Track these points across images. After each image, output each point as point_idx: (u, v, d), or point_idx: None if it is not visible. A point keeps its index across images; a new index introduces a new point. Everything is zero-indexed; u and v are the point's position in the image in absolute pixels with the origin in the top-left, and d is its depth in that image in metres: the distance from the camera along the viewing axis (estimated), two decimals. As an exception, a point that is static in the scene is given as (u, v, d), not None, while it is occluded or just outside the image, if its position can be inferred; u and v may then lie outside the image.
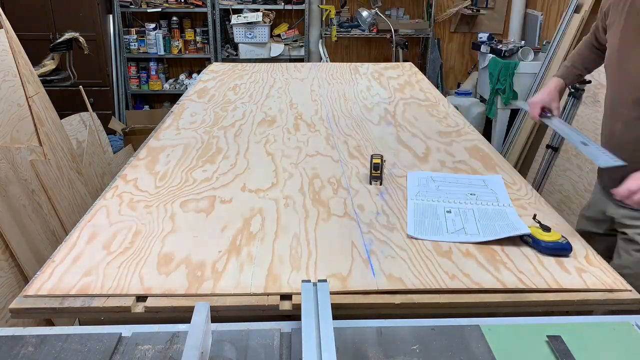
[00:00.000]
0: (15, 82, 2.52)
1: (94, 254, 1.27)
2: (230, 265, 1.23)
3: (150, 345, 0.95)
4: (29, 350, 0.94)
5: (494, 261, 1.26)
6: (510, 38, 4.61)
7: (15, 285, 2.10)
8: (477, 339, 0.98)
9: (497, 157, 1.92)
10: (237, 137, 2.08)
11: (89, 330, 1.00)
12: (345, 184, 1.68)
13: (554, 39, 3.70)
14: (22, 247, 2.19)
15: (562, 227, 1.41)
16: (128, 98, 5.22)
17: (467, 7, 5.01)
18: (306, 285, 1.04)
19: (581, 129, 3.14)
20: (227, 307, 1.11)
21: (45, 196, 2.48)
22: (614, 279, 1.20)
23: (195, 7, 4.91)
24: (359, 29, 4.94)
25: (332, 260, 1.25)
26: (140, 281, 1.17)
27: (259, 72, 3.19)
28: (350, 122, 2.30)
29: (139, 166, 1.80)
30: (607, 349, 0.97)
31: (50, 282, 1.16)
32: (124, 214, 1.47)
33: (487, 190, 1.62)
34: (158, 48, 5.08)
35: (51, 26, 4.72)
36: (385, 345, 0.96)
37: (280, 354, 0.94)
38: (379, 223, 1.43)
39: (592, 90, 3.13)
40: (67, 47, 4.32)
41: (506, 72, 3.95)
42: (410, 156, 1.92)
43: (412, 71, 3.28)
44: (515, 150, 3.92)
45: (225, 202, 1.54)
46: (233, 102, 2.57)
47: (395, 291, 1.15)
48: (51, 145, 2.62)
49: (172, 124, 2.24)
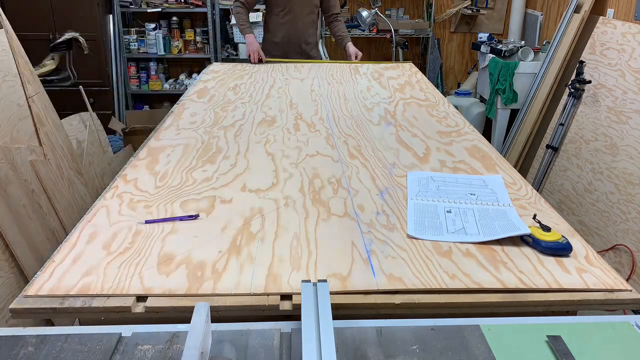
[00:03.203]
0: (15, 82, 2.52)
1: (94, 254, 1.27)
2: (230, 266, 1.23)
3: (150, 345, 0.95)
4: (29, 350, 0.94)
5: (494, 261, 1.26)
6: (510, 38, 4.61)
7: (15, 285, 2.10)
8: (477, 339, 0.98)
9: (497, 157, 1.92)
10: (237, 137, 2.08)
11: (89, 330, 0.99)
12: (345, 184, 1.68)
13: (554, 39, 3.70)
14: (22, 247, 2.19)
15: (562, 227, 1.42)
16: (128, 98, 5.21)
17: (467, 7, 5.01)
18: (306, 285, 1.04)
19: (581, 129, 3.14)
20: (227, 307, 1.11)
21: (45, 196, 2.48)
22: (614, 279, 1.20)
23: (195, 7, 4.92)
24: (359, 29, 4.94)
25: (332, 260, 1.25)
26: (140, 281, 1.16)
27: (259, 72, 3.19)
28: (350, 122, 2.30)
29: (139, 166, 1.80)
30: (607, 349, 0.97)
31: (50, 282, 1.16)
32: (124, 214, 1.47)
33: (487, 190, 1.62)
34: (158, 48, 5.08)
35: (51, 26, 4.72)
36: (385, 345, 0.96)
37: (280, 354, 0.94)
38: (379, 223, 1.43)
39: (592, 90, 3.13)
40: (67, 47, 4.32)
41: (506, 72, 3.95)
42: (410, 156, 1.92)
43: (412, 71, 3.28)
44: (515, 150, 3.92)
45: (225, 202, 1.54)
46: (233, 102, 2.57)
47: (395, 291, 1.15)
48: (51, 145, 2.62)
49: (172, 124, 2.24)
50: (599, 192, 2.86)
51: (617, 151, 2.79)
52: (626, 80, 2.86)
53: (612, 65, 3.01)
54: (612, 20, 3.18)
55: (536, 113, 3.74)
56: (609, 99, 2.96)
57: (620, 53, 2.97)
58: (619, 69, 2.95)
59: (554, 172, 3.35)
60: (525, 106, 3.87)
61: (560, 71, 3.61)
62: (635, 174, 2.63)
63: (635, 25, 2.93)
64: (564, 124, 3.29)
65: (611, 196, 2.76)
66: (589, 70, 3.21)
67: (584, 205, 2.97)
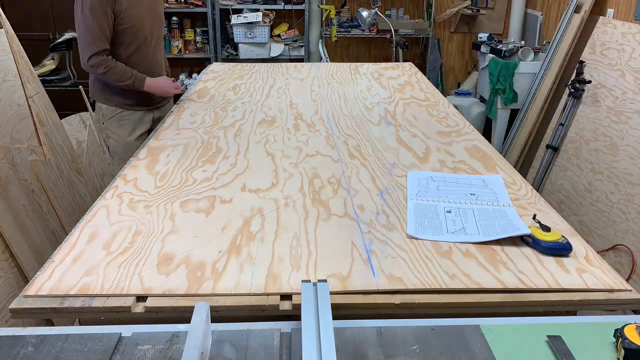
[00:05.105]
0: (15, 82, 2.52)
1: (94, 254, 1.27)
2: (230, 265, 1.23)
3: (150, 345, 0.95)
4: (29, 350, 0.94)
5: (494, 261, 1.26)
6: (510, 38, 4.61)
7: (15, 285, 2.10)
8: (477, 339, 0.98)
9: (497, 157, 1.92)
10: (237, 137, 2.08)
11: (89, 330, 0.99)
12: (345, 184, 1.68)
13: (554, 39, 3.70)
14: (22, 247, 2.19)
15: (562, 227, 1.41)
16: (128, 98, 5.20)
17: (467, 7, 5.01)
18: (306, 285, 1.04)
19: (581, 129, 3.14)
20: (227, 307, 1.11)
21: (45, 196, 2.48)
22: (614, 279, 1.20)
23: (195, 7, 4.91)
24: (359, 29, 4.94)
25: (332, 260, 1.25)
26: (140, 281, 1.17)
27: (259, 72, 3.19)
28: (350, 122, 2.30)
29: (139, 166, 1.80)
30: (607, 349, 0.97)
31: (50, 282, 1.16)
32: (124, 214, 1.47)
33: (487, 190, 1.62)
34: (158, 48, 5.07)
35: (51, 26, 4.72)
36: (385, 345, 0.96)
37: (280, 354, 0.94)
38: (379, 223, 1.43)
39: (592, 90, 3.13)
40: (67, 47, 4.32)
41: (506, 72, 3.95)
42: (410, 156, 1.92)
43: (412, 71, 3.28)
44: (515, 150, 3.92)
45: (225, 202, 1.54)
46: (233, 102, 2.57)
47: (395, 291, 1.15)
48: (51, 145, 2.63)
49: (172, 124, 2.24)
50: (599, 192, 2.86)
51: (617, 151, 2.79)
52: (626, 80, 2.86)
53: (612, 65, 3.01)
54: (612, 20, 3.18)
55: (536, 113, 3.74)
56: (609, 99, 2.96)
57: (620, 53, 2.97)
58: (619, 69, 2.95)
59: (554, 172, 3.35)
60: (525, 106, 3.87)
61: (560, 71, 3.61)
62: (635, 174, 2.63)
63: (635, 25, 2.93)
64: (564, 124, 3.29)
65: (611, 196, 2.76)
66: (589, 70, 3.20)
67: (584, 205, 2.97)
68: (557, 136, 3.33)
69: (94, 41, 2.17)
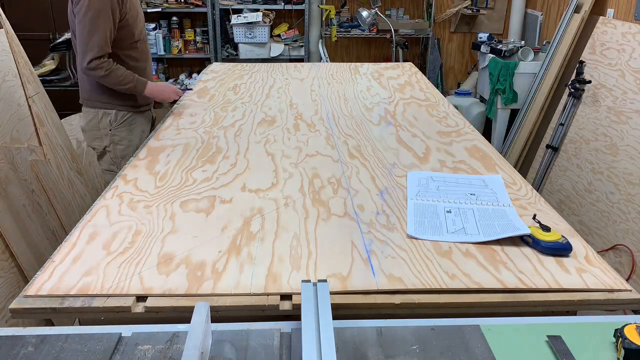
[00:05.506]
0: (15, 82, 2.52)
1: (94, 254, 1.27)
2: (230, 265, 1.23)
3: (150, 345, 0.95)
4: (29, 350, 0.94)
5: (494, 261, 1.26)
6: (510, 38, 4.61)
7: (15, 285, 2.10)
8: (477, 339, 0.98)
9: (497, 157, 1.92)
10: (237, 137, 2.08)
11: (89, 330, 0.99)
12: (345, 184, 1.68)
13: (554, 39, 3.70)
14: (22, 247, 2.19)
15: (562, 227, 1.42)
16: (128, 98, 5.20)
17: (467, 7, 5.01)
18: (306, 285, 1.04)
19: (581, 129, 3.14)
20: (227, 307, 1.11)
21: (45, 196, 2.48)
22: (614, 279, 1.20)
23: (195, 7, 4.91)
24: (359, 29, 4.94)
25: (332, 260, 1.25)
26: (140, 281, 1.17)
27: (259, 72, 3.19)
28: (350, 122, 2.30)
29: (139, 166, 1.80)
30: (607, 349, 0.97)
31: (50, 282, 1.16)
32: (124, 214, 1.47)
33: (487, 190, 1.62)
34: (158, 48, 5.07)
35: (51, 26, 4.72)
36: (385, 345, 0.96)
37: (280, 354, 0.94)
38: (379, 223, 1.43)
39: (592, 90, 3.13)
40: (67, 47, 4.32)
41: (506, 72, 3.95)
42: (410, 156, 1.92)
43: (412, 71, 3.28)
44: (515, 150, 3.92)
45: (225, 202, 1.54)
46: (233, 102, 2.57)
47: (395, 291, 1.15)
48: (51, 145, 2.62)
49: (172, 124, 2.24)
50: (599, 192, 2.86)
51: (617, 151, 2.79)
52: (626, 80, 2.86)
53: (612, 65, 3.01)
54: (612, 20, 3.18)
55: (536, 113, 3.74)
56: (609, 99, 2.96)
57: (620, 53, 2.96)
58: (619, 69, 2.94)
59: (554, 172, 3.35)
60: (525, 106, 3.87)
61: (560, 71, 3.61)
62: (635, 174, 2.63)
63: (635, 25, 2.93)
64: (564, 124, 3.29)
65: (611, 196, 2.76)
66: (589, 70, 3.20)
67: (584, 205, 2.97)
68: (557, 136, 3.33)
69: (98, 44, 2.13)
